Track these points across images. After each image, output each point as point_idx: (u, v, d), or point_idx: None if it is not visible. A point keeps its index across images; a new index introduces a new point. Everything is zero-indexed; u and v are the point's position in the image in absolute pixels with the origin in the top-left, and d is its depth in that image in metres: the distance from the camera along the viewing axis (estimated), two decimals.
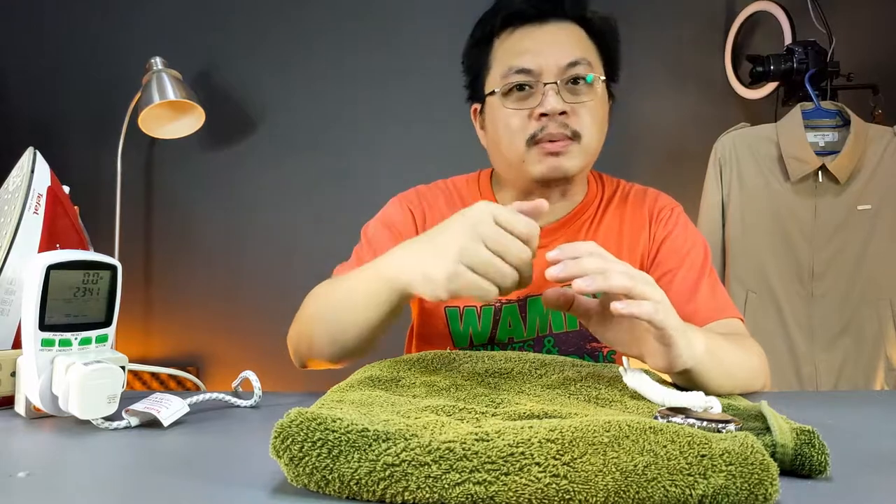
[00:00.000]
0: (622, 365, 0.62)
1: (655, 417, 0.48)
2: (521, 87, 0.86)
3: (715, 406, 0.51)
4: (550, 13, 0.88)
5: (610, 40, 0.92)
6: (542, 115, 0.84)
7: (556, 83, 0.84)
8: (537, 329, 0.94)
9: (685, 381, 0.65)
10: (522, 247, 0.57)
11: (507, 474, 0.37)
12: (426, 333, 0.98)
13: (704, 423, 0.45)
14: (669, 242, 0.94)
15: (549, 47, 0.86)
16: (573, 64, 0.85)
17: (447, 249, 0.58)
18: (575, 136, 0.85)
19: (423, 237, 0.64)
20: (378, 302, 0.68)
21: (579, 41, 0.88)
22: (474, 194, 0.99)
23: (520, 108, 0.86)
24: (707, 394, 0.55)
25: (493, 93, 0.89)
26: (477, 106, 0.96)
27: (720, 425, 0.45)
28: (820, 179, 1.64)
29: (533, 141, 0.86)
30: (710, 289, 0.89)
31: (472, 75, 0.95)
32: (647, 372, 0.62)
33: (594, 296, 0.66)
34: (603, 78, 0.89)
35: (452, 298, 0.59)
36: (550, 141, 0.85)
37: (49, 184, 0.71)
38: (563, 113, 0.84)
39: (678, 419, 0.46)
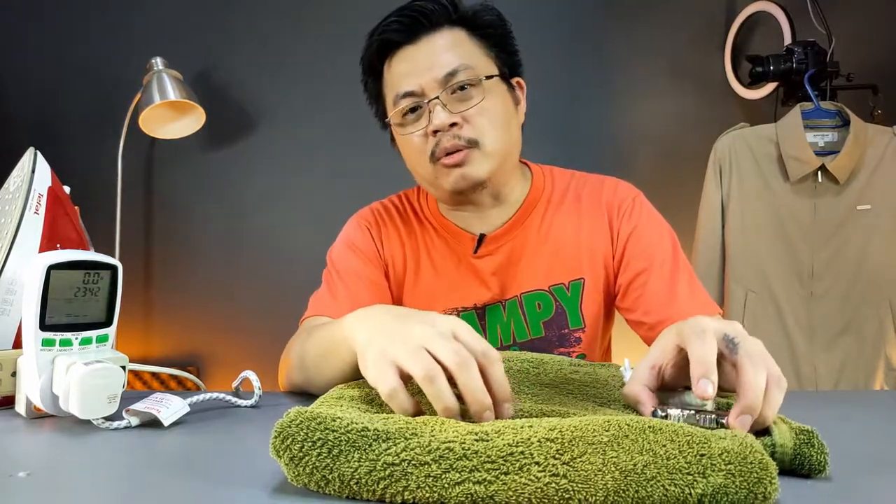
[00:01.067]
0: (622, 365, 0.62)
1: (654, 412, 0.48)
2: (413, 109, 0.86)
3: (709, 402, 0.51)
4: (420, 30, 0.86)
5: (495, 31, 0.89)
6: (435, 131, 0.84)
7: (438, 98, 0.83)
8: (500, 339, 0.92)
9: None
10: (468, 359, 0.47)
11: (506, 473, 0.37)
12: None
13: (701, 417, 0.45)
14: (636, 238, 0.91)
15: (425, 64, 0.85)
16: (452, 74, 0.84)
17: (396, 336, 0.50)
18: (472, 144, 0.84)
19: (396, 315, 0.55)
20: (340, 357, 0.62)
21: (457, 46, 0.86)
22: (423, 205, 1.00)
23: (415, 130, 0.87)
24: None
25: (391, 122, 0.90)
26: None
27: (719, 417, 0.45)
28: (819, 179, 1.64)
29: (434, 158, 0.85)
30: (688, 287, 0.88)
31: (375, 106, 0.95)
32: None
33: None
34: (488, 76, 0.86)
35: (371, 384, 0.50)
36: (448, 154, 0.84)
37: (49, 184, 0.71)
38: (454, 125, 0.83)
39: (675, 412, 0.46)
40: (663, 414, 0.47)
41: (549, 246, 0.93)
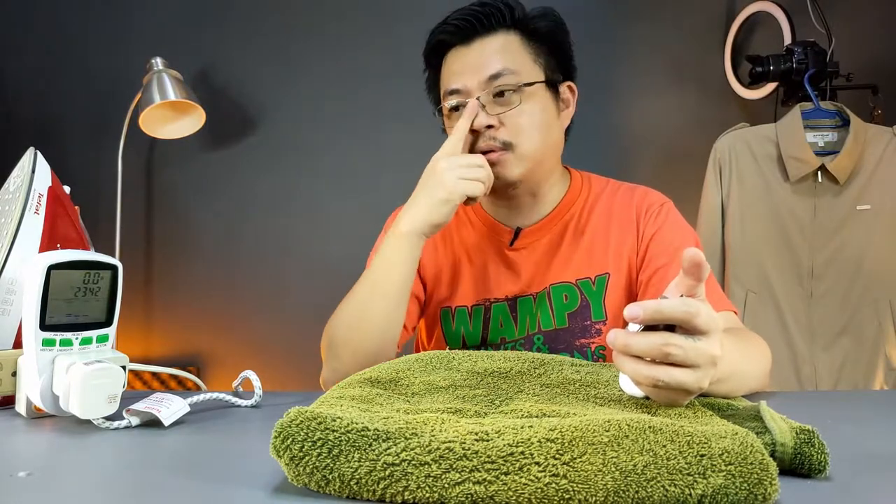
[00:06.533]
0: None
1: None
2: (456, 107, 0.92)
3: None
4: (474, 33, 0.90)
5: (551, 37, 0.93)
6: (472, 131, 0.88)
7: (478, 99, 0.88)
8: (527, 327, 0.95)
9: None
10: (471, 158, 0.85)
11: (506, 474, 0.37)
12: (427, 342, 1.02)
13: None
14: (659, 238, 0.94)
15: (472, 66, 0.89)
16: (494, 76, 0.87)
17: (440, 179, 0.84)
18: (506, 146, 0.88)
19: (416, 190, 0.87)
20: (404, 255, 0.84)
21: (506, 51, 0.89)
22: None
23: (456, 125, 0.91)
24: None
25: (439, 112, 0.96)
26: None
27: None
28: (819, 179, 1.64)
29: None
30: (705, 284, 0.90)
31: (431, 95, 1.01)
32: None
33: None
34: (528, 83, 0.89)
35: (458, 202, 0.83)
36: (483, 154, 0.88)
37: (50, 184, 0.71)
38: (490, 126, 0.87)
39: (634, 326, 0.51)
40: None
41: (582, 243, 0.96)
